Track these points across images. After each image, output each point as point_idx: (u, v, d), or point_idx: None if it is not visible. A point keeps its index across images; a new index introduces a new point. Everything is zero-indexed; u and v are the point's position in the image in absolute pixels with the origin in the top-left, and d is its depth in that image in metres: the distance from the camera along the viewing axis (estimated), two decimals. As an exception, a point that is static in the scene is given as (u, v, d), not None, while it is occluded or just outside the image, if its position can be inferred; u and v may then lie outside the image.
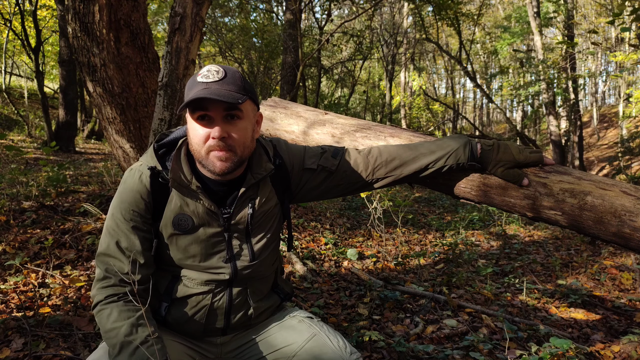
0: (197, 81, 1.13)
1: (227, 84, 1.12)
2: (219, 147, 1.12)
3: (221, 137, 1.12)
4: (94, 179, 5.59)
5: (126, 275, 1.16)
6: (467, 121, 17.42)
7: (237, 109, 1.13)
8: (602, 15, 15.91)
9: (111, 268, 1.17)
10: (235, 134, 1.14)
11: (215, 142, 1.12)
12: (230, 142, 1.13)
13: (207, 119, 1.13)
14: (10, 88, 16.53)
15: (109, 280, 1.17)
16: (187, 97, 1.14)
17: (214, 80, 1.12)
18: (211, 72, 1.14)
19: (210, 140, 1.12)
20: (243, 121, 1.16)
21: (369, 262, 3.71)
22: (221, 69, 1.15)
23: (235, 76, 1.15)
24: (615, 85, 22.37)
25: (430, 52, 21.79)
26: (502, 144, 1.33)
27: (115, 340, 1.11)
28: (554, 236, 5.03)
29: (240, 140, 1.15)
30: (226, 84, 1.12)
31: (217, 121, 1.12)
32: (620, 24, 3.57)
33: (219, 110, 1.12)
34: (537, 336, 2.37)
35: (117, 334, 1.11)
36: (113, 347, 1.11)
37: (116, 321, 1.12)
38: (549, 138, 11.63)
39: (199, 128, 1.13)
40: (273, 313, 1.39)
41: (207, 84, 1.12)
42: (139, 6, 3.37)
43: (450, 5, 10.85)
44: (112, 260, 1.17)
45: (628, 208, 1.14)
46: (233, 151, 1.14)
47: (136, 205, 1.18)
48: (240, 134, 1.15)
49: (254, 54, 12.09)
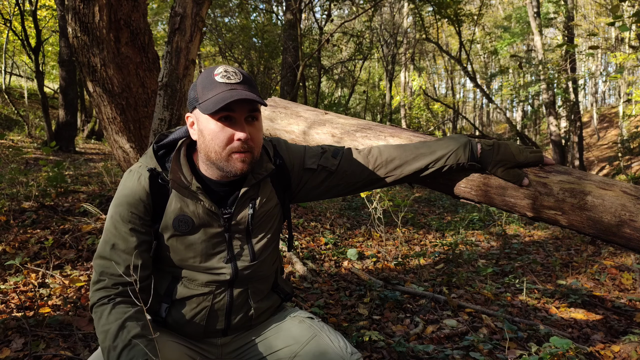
0: (216, 81, 1.13)
1: (247, 85, 1.14)
2: (242, 149, 1.13)
3: (246, 138, 1.12)
4: (94, 179, 5.59)
5: (120, 277, 1.16)
6: (467, 121, 17.43)
7: (258, 110, 1.16)
8: (602, 15, 15.92)
9: (106, 270, 1.17)
10: (255, 136, 1.16)
11: (239, 144, 1.12)
12: (251, 144, 1.14)
13: (230, 120, 1.13)
14: (10, 88, 16.52)
15: (102, 283, 1.16)
16: (205, 96, 1.13)
17: (237, 82, 1.13)
18: (230, 73, 1.14)
19: (235, 142, 1.12)
20: (259, 122, 1.18)
21: (369, 262, 3.71)
22: (237, 70, 1.16)
23: (251, 78, 1.18)
24: (615, 86, 22.37)
25: (430, 52, 21.79)
26: (502, 144, 1.33)
27: (106, 344, 1.10)
28: (554, 236, 5.03)
29: (258, 141, 1.17)
30: (247, 85, 1.14)
31: (240, 122, 1.13)
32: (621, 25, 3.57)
33: (244, 111, 1.12)
34: (537, 336, 2.37)
35: (106, 338, 1.10)
36: (103, 351, 1.11)
37: (105, 324, 1.12)
38: (549, 138, 11.63)
39: (221, 129, 1.12)
40: (274, 313, 1.39)
41: (231, 85, 1.12)
42: (139, 6, 3.37)
43: (449, 5, 10.85)
44: (107, 263, 1.17)
45: (628, 208, 1.14)
46: (252, 152, 1.15)
47: (135, 207, 1.18)
48: (258, 135, 1.17)
49: (254, 54, 12.09)
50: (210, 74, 1.15)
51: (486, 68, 23.26)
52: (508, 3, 21.37)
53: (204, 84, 1.14)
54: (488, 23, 20.75)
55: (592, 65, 21.17)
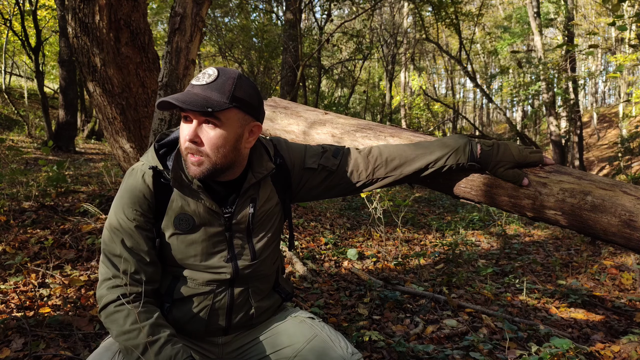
0: (191, 82, 1.15)
1: (211, 89, 1.11)
2: (190, 150, 1.13)
3: (191, 140, 1.12)
4: (94, 179, 5.59)
5: (134, 274, 1.17)
6: (467, 121, 17.42)
7: (213, 116, 1.11)
8: (602, 15, 15.92)
9: (120, 267, 1.16)
10: (207, 141, 1.12)
11: (188, 144, 1.13)
12: (202, 148, 1.13)
13: (189, 119, 1.13)
14: (10, 88, 16.52)
15: (118, 280, 1.16)
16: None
17: (200, 84, 1.12)
18: (205, 74, 1.14)
19: (185, 141, 1.13)
20: (220, 129, 1.12)
21: (369, 262, 3.71)
22: (216, 72, 1.13)
23: (226, 82, 1.12)
24: (615, 86, 22.38)
25: (430, 52, 21.79)
26: (502, 144, 1.33)
27: (136, 342, 1.11)
28: (554, 236, 5.03)
29: (211, 148, 1.12)
30: (210, 89, 1.11)
31: (193, 124, 1.13)
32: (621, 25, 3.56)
33: (196, 114, 1.12)
34: (537, 336, 2.37)
35: (137, 335, 1.11)
36: (135, 348, 1.11)
37: (135, 322, 1.12)
38: (549, 138, 11.63)
39: (183, 127, 1.15)
40: (274, 313, 1.39)
41: (193, 86, 1.13)
42: (139, 6, 3.37)
43: (449, 5, 10.85)
44: (118, 260, 1.17)
45: (628, 208, 1.14)
46: (206, 156, 1.13)
47: (139, 204, 1.18)
48: (212, 142, 1.12)
49: (254, 54, 12.09)
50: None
51: (486, 68, 23.26)
52: (508, 3, 21.36)
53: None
54: (488, 23, 20.75)
55: (592, 65, 21.16)
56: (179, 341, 1.15)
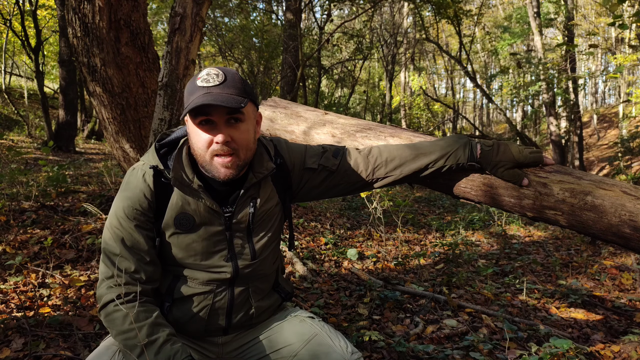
0: (197, 85, 1.13)
1: (227, 87, 1.13)
2: (223, 152, 1.13)
3: (225, 142, 1.12)
4: (94, 179, 5.59)
5: (134, 273, 1.17)
6: (467, 121, 17.42)
7: (240, 112, 1.14)
8: (602, 15, 15.92)
9: (120, 267, 1.17)
10: (238, 138, 1.14)
11: (219, 147, 1.13)
12: (234, 146, 1.14)
13: (210, 123, 1.13)
14: (10, 88, 16.52)
15: (118, 279, 1.16)
16: (187, 102, 1.14)
17: (214, 85, 1.12)
18: (211, 75, 1.14)
19: (214, 145, 1.13)
20: (245, 124, 1.16)
21: (369, 262, 3.71)
22: (221, 72, 1.15)
23: (235, 79, 1.15)
24: (615, 86, 22.37)
25: (430, 52, 21.79)
26: (502, 144, 1.33)
27: (135, 341, 1.11)
28: (554, 236, 5.03)
29: (243, 144, 1.16)
30: (227, 87, 1.12)
31: (219, 126, 1.13)
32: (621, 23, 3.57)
33: (222, 114, 1.12)
34: (537, 336, 2.37)
35: (136, 335, 1.11)
36: (133, 347, 1.11)
37: (135, 322, 1.12)
38: (549, 138, 11.63)
39: (201, 133, 1.14)
40: (274, 312, 1.39)
41: (207, 88, 1.12)
42: (139, 6, 3.37)
43: (449, 5, 10.84)
44: (119, 259, 1.17)
45: (628, 208, 1.14)
46: (237, 155, 1.15)
47: (139, 204, 1.18)
48: (242, 137, 1.15)
49: (254, 54, 12.09)
50: (195, 78, 1.16)
51: (486, 68, 23.27)
52: (508, 3, 21.36)
53: (189, 88, 1.16)
54: (488, 23, 20.75)
55: (592, 65, 21.16)
56: (178, 340, 1.15)
